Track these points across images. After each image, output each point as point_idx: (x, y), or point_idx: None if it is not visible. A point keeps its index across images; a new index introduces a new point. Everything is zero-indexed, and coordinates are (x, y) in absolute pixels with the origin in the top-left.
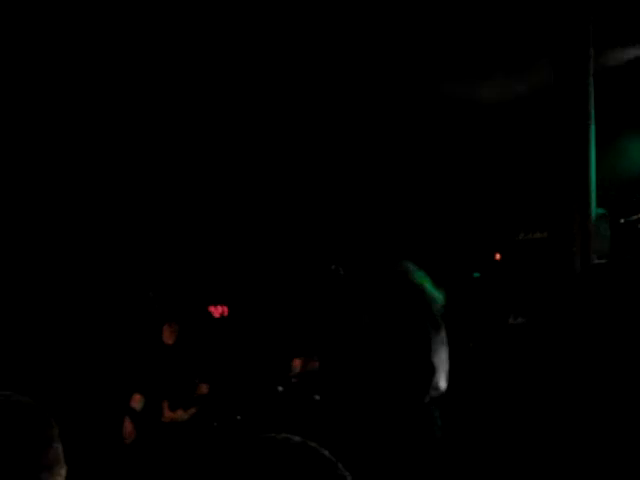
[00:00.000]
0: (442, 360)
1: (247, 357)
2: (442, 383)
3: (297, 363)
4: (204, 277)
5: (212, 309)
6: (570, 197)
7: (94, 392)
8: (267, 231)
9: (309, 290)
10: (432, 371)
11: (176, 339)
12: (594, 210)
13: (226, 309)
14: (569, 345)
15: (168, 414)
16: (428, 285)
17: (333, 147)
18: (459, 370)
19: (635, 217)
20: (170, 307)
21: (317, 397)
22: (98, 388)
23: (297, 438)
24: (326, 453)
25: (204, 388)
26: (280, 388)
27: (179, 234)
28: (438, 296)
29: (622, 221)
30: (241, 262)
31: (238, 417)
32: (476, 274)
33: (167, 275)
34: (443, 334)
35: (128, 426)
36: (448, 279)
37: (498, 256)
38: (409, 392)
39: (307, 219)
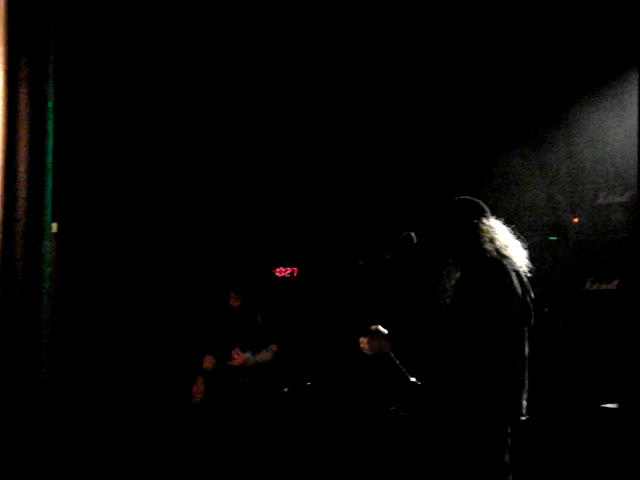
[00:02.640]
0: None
1: (320, 320)
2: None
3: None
4: (270, 240)
5: (279, 271)
6: None
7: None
8: (336, 196)
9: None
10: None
11: (242, 302)
12: None
13: (296, 270)
14: None
15: (239, 357)
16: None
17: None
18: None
19: None
20: (236, 272)
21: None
22: (170, 352)
23: None
24: None
25: (274, 347)
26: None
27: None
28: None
29: None
30: (310, 226)
31: (308, 383)
32: (553, 237)
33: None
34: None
35: (199, 385)
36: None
37: (575, 220)
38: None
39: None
